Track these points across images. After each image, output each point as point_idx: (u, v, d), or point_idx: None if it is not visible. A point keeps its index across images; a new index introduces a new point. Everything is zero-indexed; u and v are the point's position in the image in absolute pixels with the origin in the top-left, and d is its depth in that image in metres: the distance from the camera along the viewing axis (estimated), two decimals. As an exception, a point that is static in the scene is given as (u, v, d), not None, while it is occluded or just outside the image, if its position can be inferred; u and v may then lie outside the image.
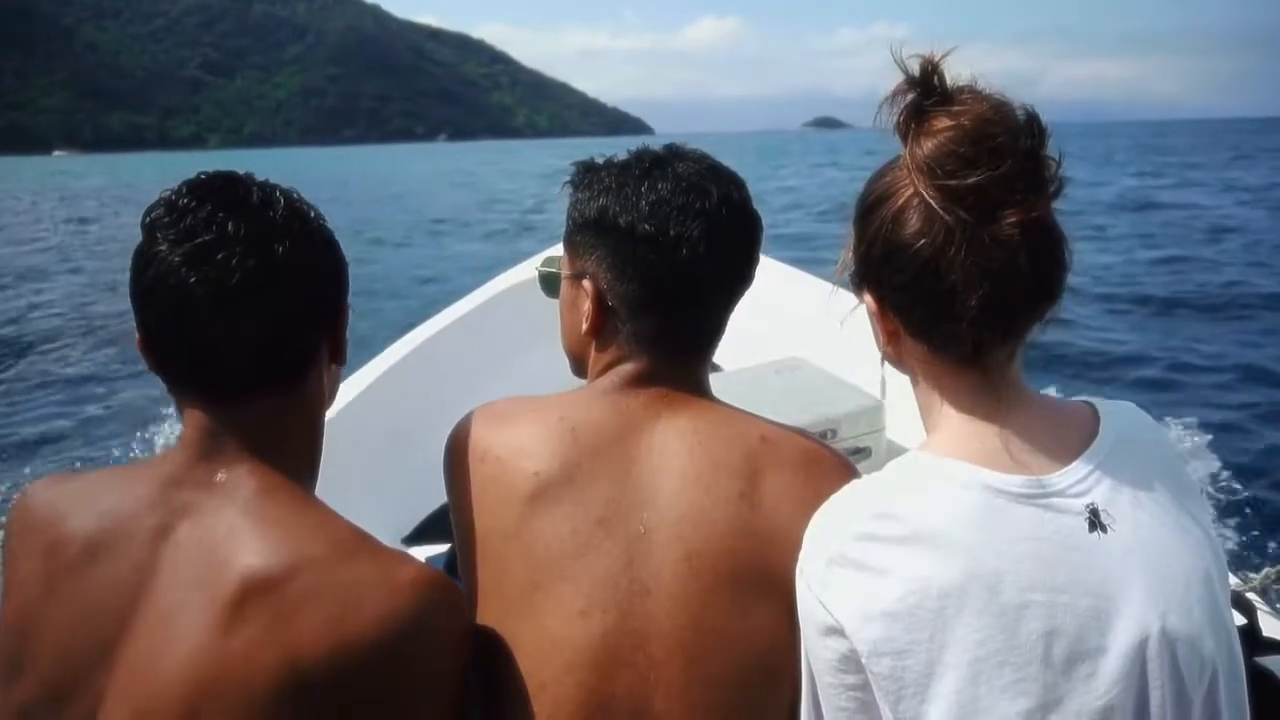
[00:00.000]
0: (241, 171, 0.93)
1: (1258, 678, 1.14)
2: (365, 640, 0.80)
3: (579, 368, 1.13)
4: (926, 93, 0.80)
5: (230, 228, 0.84)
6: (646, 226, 1.00)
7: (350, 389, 2.37)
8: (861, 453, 2.20)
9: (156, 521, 0.86)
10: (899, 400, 2.36)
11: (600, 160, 1.09)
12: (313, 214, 0.93)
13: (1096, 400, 0.89)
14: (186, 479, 0.88)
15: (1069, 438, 0.83)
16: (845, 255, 0.92)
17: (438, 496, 2.33)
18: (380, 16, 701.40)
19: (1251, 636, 1.36)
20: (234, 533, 0.84)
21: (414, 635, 0.83)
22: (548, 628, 0.93)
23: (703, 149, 1.06)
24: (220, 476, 0.88)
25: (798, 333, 2.63)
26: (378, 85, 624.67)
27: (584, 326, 1.06)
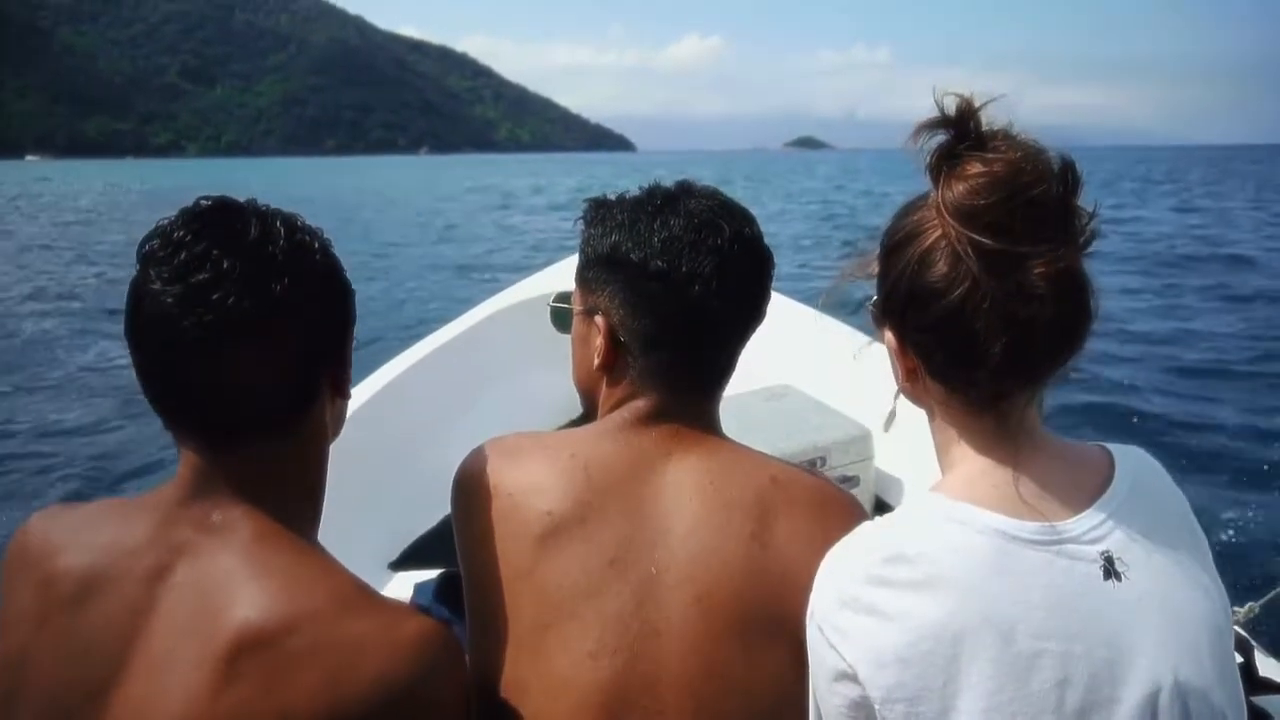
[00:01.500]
0: (243, 199, 0.89)
1: (1254, 718, 1.14)
2: (363, 701, 0.78)
3: (589, 404, 1.13)
4: (961, 136, 0.79)
5: (226, 265, 0.81)
6: (659, 263, 1.00)
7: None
8: (850, 481, 2.20)
9: (153, 561, 0.83)
10: (890, 430, 2.47)
11: (613, 196, 1.09)
12: (316, 244, 0.90)
13: (1111, 445, 0.89)
14: (182, 518, 0.86)
15: (1083, 483, 0.83)
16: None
17: (425, 520, 2.30)
18: (363, 27, 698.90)
19: (1248, 675, 1.35)
20: (230, 580, 0.81)
21: (414, 695, 0.80)
22: (556, 669, 0.92)
23: (682, 166, 1.24)
24: (216, 517, 0.85)
25: (786, 360, 2.60)
26: (359, 96, 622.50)
27: (596, 362, 1.06)
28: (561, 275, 3.32)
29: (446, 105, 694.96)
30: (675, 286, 0.99)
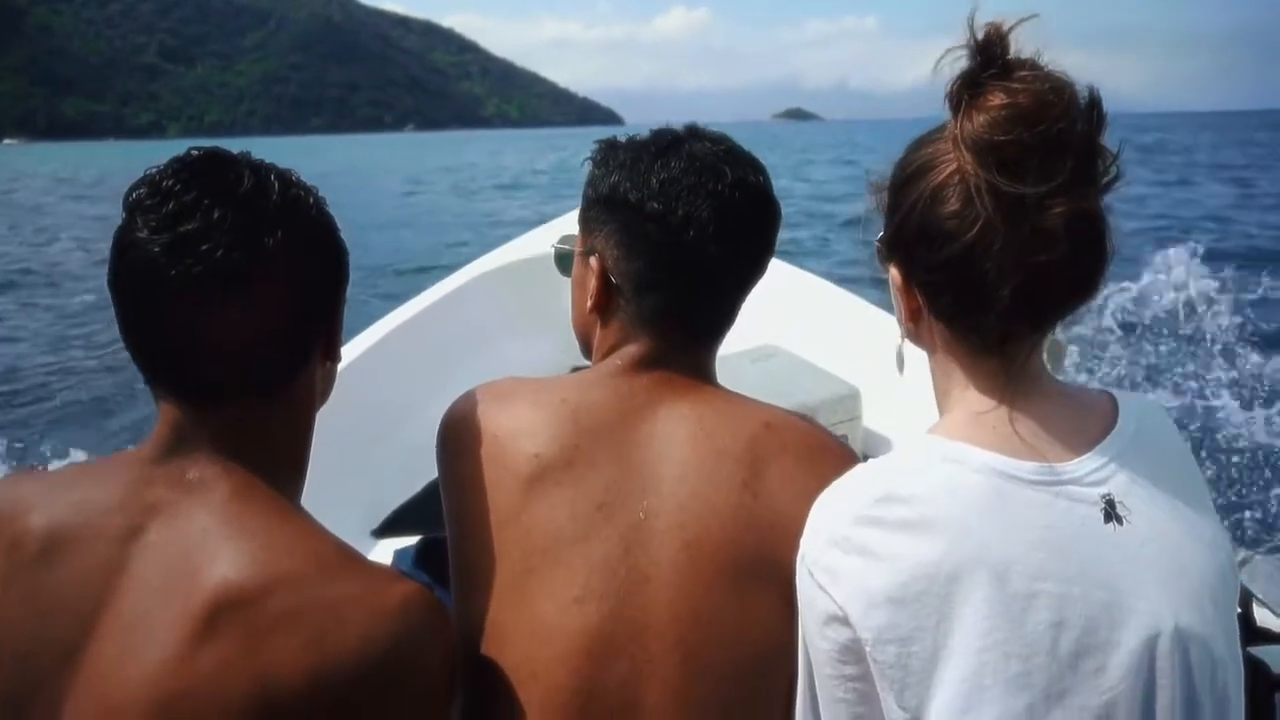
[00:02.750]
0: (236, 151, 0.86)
1: (1250, 667, 1.11)
2: (345, 665, 0.75)
3: (586, 350, 1.11)
4: (986, 63, 0.75)
5: (216, 215, 0.78)
6: (655, 204, 0.98)
7: None
8: None
9: (126, 520, 0.80)
10: (877, 388, 2.37)
11: (623, 139, 1.06)
12: (311, 200, 0.87)
13: (1116, 391, 0.86)
14: (158, 476, 0.83)
15: (1087, 427, 0.81)
16: (871, 208, 0.89)
17: (408, 488, 2.28)
18: (345, 3, 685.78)
19: (1246, 624, 1.34)
20: (207, 539, 0.79)
21: (398, 660, 0.78)
22: (542, 615, 0.90)
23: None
24: (192, 475, 0.82)
25: (771, 321, 2.54)
26: (343, 74, 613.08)
27: (589, 303, 1.04)
28: (545, 238, 3.18)
29: (432, 81, 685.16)
30: (670, 229, 0.98)
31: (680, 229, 0.97)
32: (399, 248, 14.35)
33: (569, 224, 3.41)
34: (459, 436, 1.00)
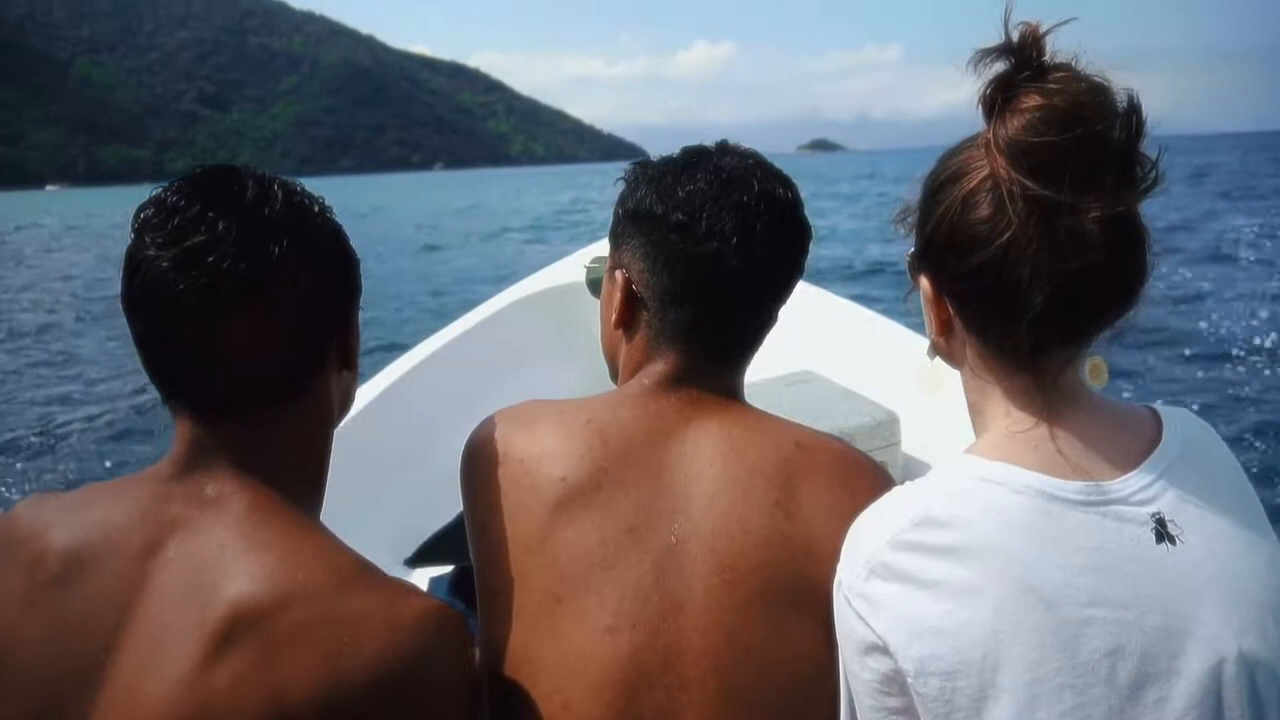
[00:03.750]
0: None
1: None
2: (361, 680, 0.74)
3: (614, 373, 1.09)
4: (1020, 66, 0.73)
5: (221, 227, 0.78)
6: (679, 215, 0.96)
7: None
8: None
9: (145, 537, 0.80)
10: (915, 413, 2.32)
11: (655, 159, 1.06)
12: (316, 208, 0.87)
13: (1157, 405, 0.83)
14: (175, 493, 0.83)
15: (1131, 443, 0.77)
16: (903, 211, 0.86)
17: (441, 516, 2.28)
18: (375, 47, 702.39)
19: None
20: (224, 554, 0.78)
21: (415, 676, 0.77)
22: (572, 644, 0.87)
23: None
24: (210, 490, 0.82)
25: (806, 346, 2.58)
26: (373, 115, 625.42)
27: (613, 318, 1.03)
28: (578, 265, 3.21)
29: (460, 121, 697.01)
30: (695, 240, 0.96)
31: (704, 240, 0.96)
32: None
33: (603, 249, 3.49)
34: (482, 462, 0.98)
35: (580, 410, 0.98)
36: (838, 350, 2.69)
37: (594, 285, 1.14)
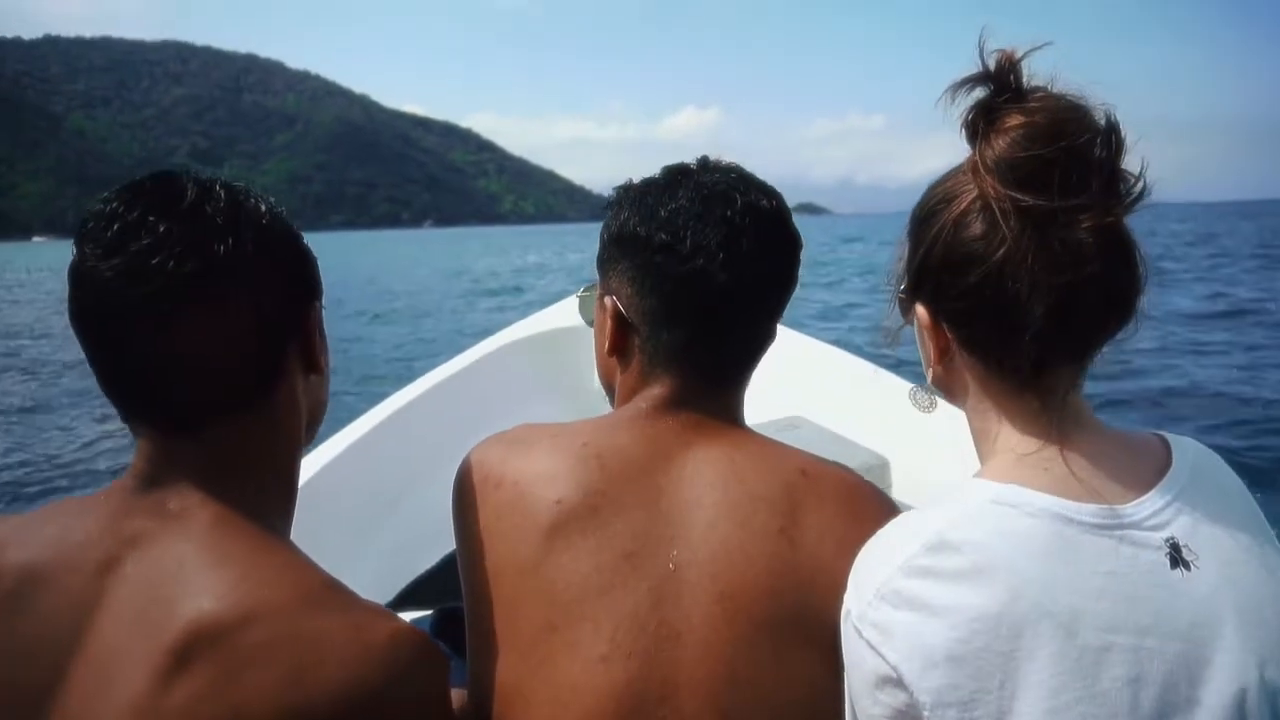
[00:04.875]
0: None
1: None
2: (325, 703, 0.70)
3: (612, 399, 1.07)
4: (1000, 90, 0.75)
5: (162, 230, 0.75)
6: (662, 235, 0.95)
7: (332, 448, 2.29)
8: None
9: (103, 553, 0.76)
10: (905, 458, 2.38)
11: (637, 180, 1.04)
12: (263, 206, 0.83)
13: (1163, 433, 0.83)
14: (137, 507, 0.79)
15: (1140, 467, 0.76)
16: (899, 266, 0.86)
17: (425, 559, 2.30)
18: (369, 106, 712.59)
19: None
20: (184, 569, 0.74)
21: (383, 701, 0.72)
22: (566, 674, 0.84)
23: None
24: (172, 504, 0.78)
25: (796, 393, 2.62)
26: (364, 172, 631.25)
27: (605, 345, 1.01)
28: (571, 309, 3.19)
29: (451, 179, 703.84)
30: (679, 260, 0.94)
31: (689, 259, 0.94)
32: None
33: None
34: (475, 485, 0.95)
35: (576, 433, 0.95)
36: (826, 396, 2.70)
37: (587, 313, 1.10)
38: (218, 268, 0.76)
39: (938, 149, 0.78)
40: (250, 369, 0.81)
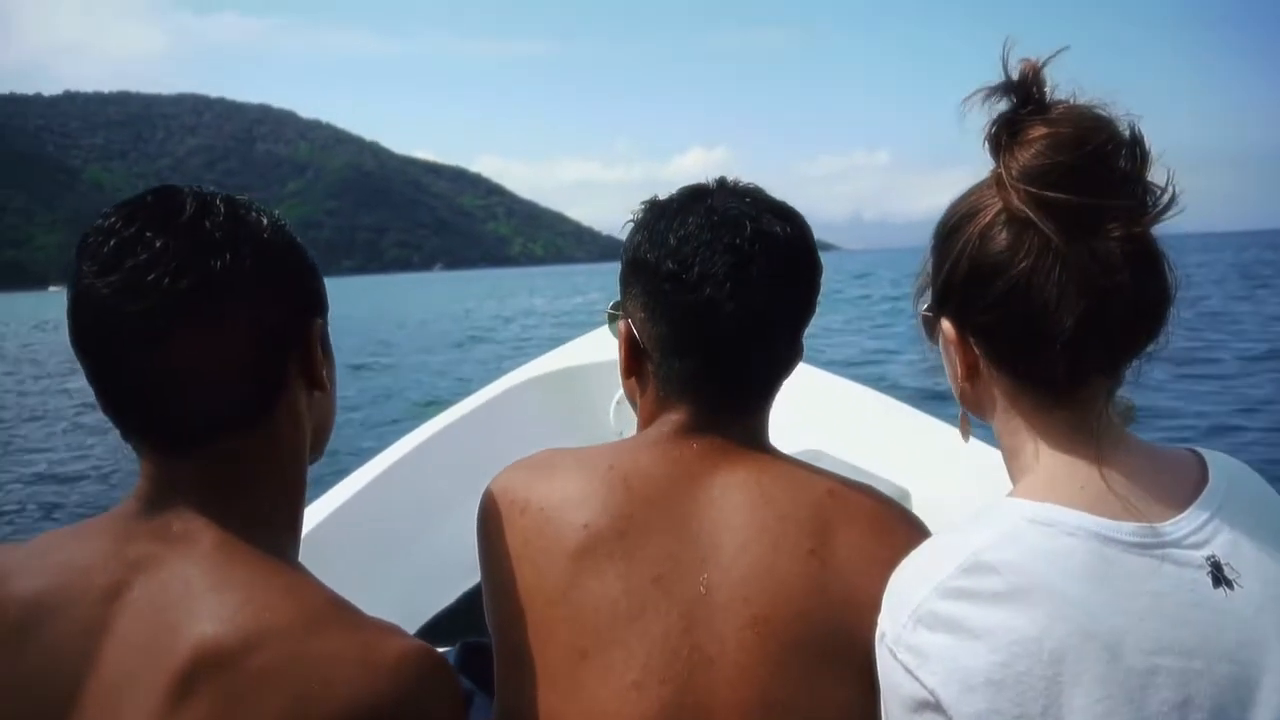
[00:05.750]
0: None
1: None
2: None
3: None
4: (1023, 101, 0.74)
5: (159, 245, 0.74)
6: (670, 264, 0.93)
7: (346, 489, 2.32)
8: None
9: (108, 579, 0.75)
10: (925, 490, 2.40)
11: (662, 197, 1.02)
12: (264, 220, 0.82)
13: (1198, 447, 0.81)
14: (140, 531, 0.78)
15: (1177, 483, 0.74)
16: (923, 283, 0.85)
17: (442, 597, 2.34)
18: (379, 152, 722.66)
19: None
20: (189, 593, 0.73)
21: None
22: (596, 702, 0.83)
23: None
24: (176, 527, 0.77)
25: (813, 427, 2.61)
26: (375, 217, 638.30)
27: (621, 368, 1.01)
28: (587, 347, 3.27)
29: (460, 223, 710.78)
30: (687, 289, 0.92)
31: (696, 288, 0.92)
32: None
33: (609, 334, 3.43)
34: (500, 512, 0.93)
35: (601, 456, 0.94)
36: (845, 429, 2.69)
37: (614, 330, 1.12)
38: (215, 284, 0.75)
39: (943, 185, 0.76)
40: (250, 386, 0.79)
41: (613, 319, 1.09)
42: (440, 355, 20.61)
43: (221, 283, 0.75)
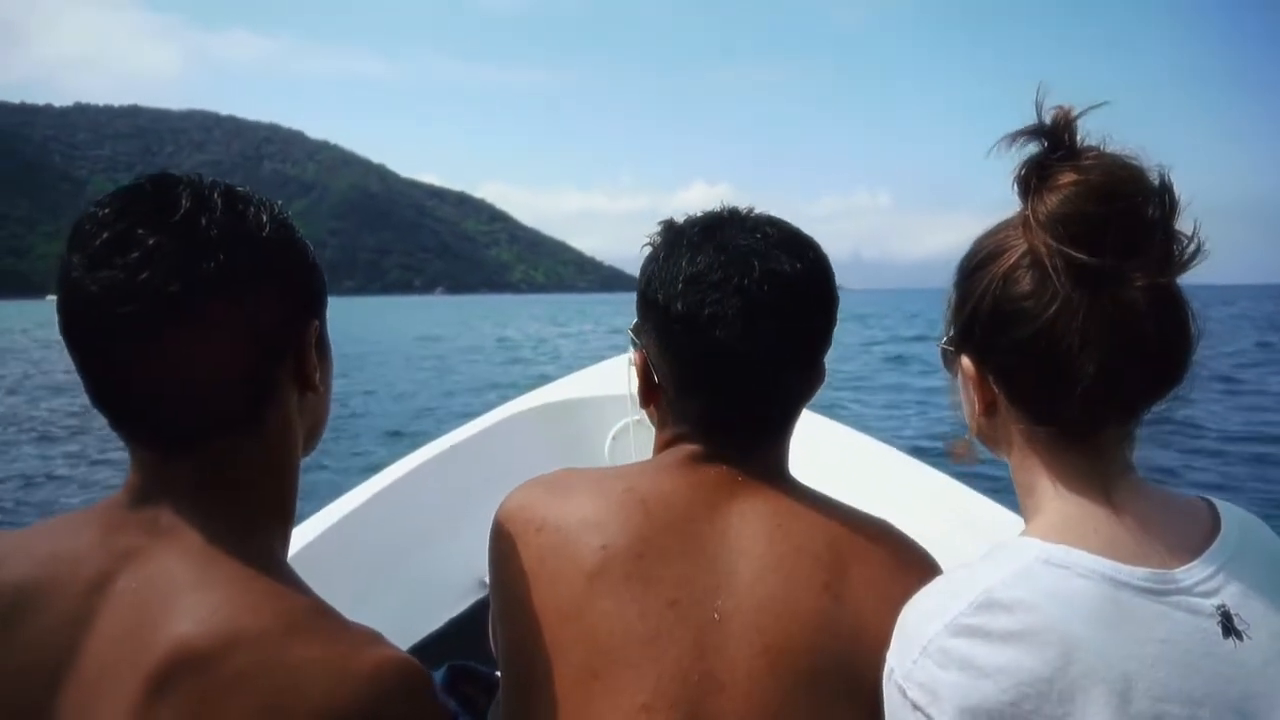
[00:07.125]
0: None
1: None
2: None
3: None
4: (1054, 146, 0.75)
5: (150, 244, 0.71)
6: (679, 306, 0.92)
7: (339, 509, 2.31)
8: None
9: (95, 569, 0.74)
10: (929, 533, 2.67)
11: (680, 220, 1.01)
12: (264, 217, 0.79)
13: (1210, 497, 0.81)
14: (130, 522, 0.77)
15: (1189, 531, 0.75)
16: (945, 316, 0.86)
17: (429, 622, 2.33)
18: (385, 175, 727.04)
19: None
20: (173, 589, 0.72)
21: None
22: None
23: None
24: (165, 520, 0.77)
25: (817, 474, 2.49)
26: (378, 239, 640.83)
27: (637, 397, 1.02)
28: (587, 380, 3.28)
29: (463, 248, 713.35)
30: (697, 331, 0.92)
31: (706, 330, 0.91)
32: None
33: (612, 367, 3.38)
34: (516, 529, 0.93)
35: (618, 478, 0.94)
36: (847, 477, 2.66)
37: (636, 346, 1.10)
38: (207, 286, 0.73)
39: (944, 228, 0.65)
40: (241, 389, 0.78)
41: (634, 343, 1.08)
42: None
43: (214, 285, 0.73)
